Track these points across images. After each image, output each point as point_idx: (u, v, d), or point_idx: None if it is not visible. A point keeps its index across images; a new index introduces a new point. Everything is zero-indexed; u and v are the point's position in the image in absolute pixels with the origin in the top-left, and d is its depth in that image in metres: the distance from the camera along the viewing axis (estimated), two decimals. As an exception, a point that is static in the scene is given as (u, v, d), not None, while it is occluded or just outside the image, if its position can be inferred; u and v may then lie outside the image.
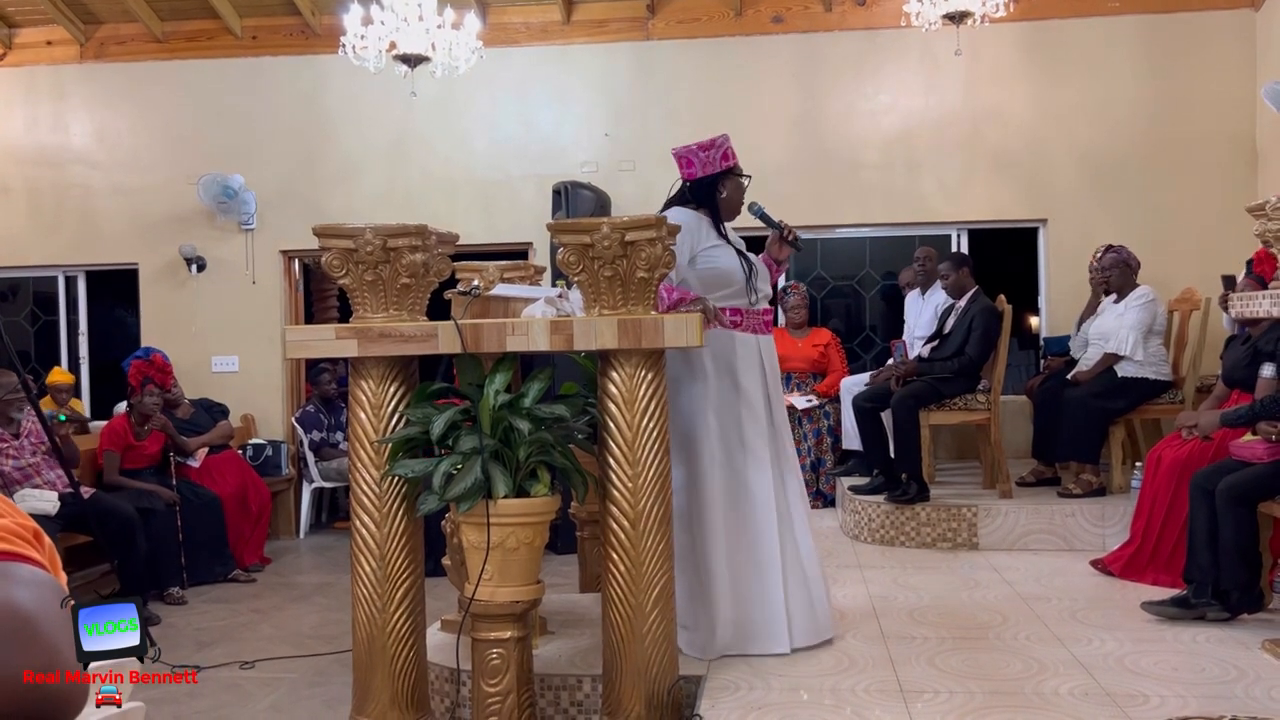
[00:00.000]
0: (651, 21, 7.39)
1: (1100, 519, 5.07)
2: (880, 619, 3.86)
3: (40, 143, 7.89)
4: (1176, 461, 4.28)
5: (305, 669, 4.42)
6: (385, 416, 2.95)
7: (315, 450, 7.44)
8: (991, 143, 7.14)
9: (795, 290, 7.01)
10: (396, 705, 2.97)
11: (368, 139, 7.61)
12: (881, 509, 5.34)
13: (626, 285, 2.88)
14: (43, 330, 8.31)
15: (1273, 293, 3.36)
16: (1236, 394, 4.37)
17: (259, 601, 5.65)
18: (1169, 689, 3.03)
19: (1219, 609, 3.67)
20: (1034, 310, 7.51)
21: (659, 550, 2.89)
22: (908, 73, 7.21)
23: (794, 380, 6.76)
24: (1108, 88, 7.00)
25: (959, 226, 7.29)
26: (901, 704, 2.94)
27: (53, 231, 7.88)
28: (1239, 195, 6.15)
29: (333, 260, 2.95)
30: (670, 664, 2.95)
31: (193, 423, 6.61)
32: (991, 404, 5.51)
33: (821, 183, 7.19)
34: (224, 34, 7.69)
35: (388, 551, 2.96)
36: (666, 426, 2.92)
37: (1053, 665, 3.26)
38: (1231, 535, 3.62)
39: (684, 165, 3.56)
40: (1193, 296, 5.74)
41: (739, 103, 7.21)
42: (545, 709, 3.23)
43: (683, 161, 3.56)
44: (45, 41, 7.83)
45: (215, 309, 7.69)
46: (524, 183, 7.43)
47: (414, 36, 6.03)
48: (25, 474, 5.36)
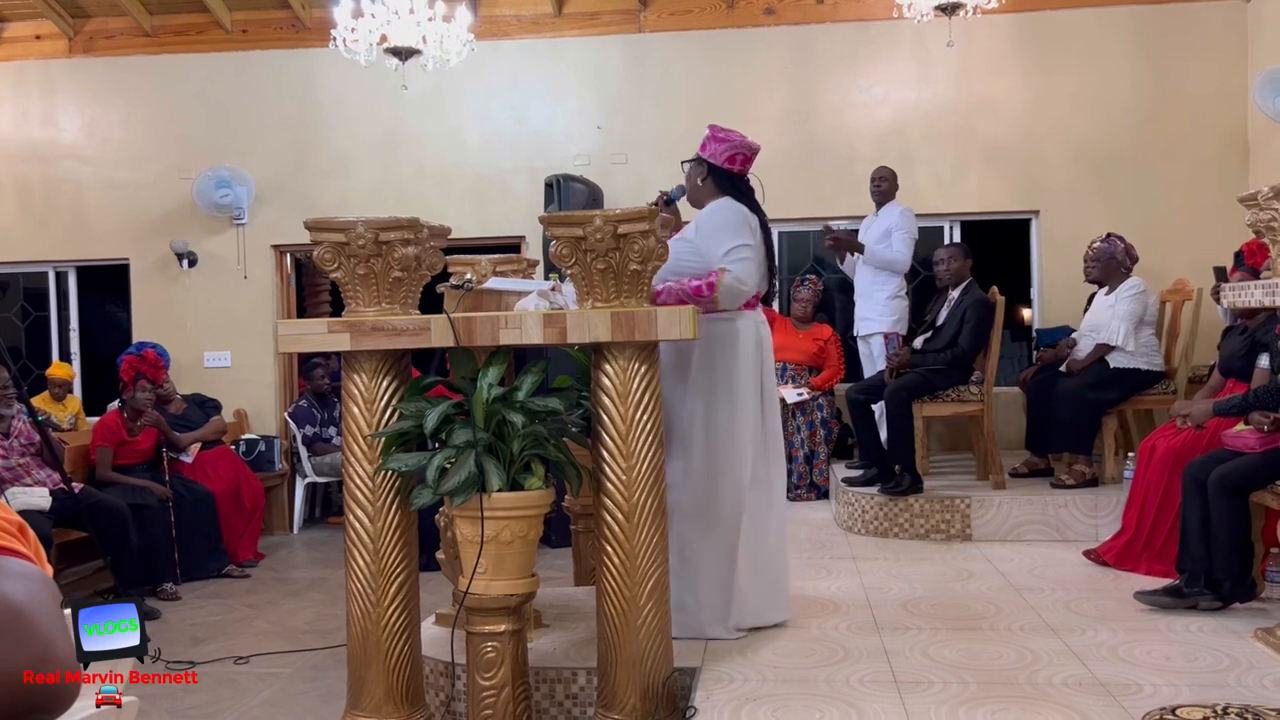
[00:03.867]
0: (643, 14, 7.37)
1: (1093, 509, 5.09)
2: (874, 610, 3.86)
3: (30, 138, 7.86)
4: (1169, 452, 4.29)
5: (300, 664, 4.42)
6: (378, 411, 2.95)
7: (308, 445, 7.43)
8: (984, 134, 7.14)
9: (811, 283, 7.01)
10: (391, 699, 2.97)
11: (359, 133, 7.59)
12: (875, 500, 5.35)
13: (619, 278, 2.87)
14: (34, 326, 8.27)
15: (1265, 283, 3.37)
16: (1231, 383, 4.39)
17: (253, 597, 5.64)
18: (1162, 678, 3.04)
19: (1211, 598, 3.68)
20: (1026, 302, 7.52)
21: (653, 543, 2.89)
22: (900, 64, 7.20)
23: (789, 371, 6.77)
24: (1100, 79, 7.00)
25: (952, 218, 7.30)
26: (896, 695, 2.94)
27: (43, 227, 7.84)
28: (1231, 186, 6.17)
29: (324, 254, 2.94)
30: (665, 656, 2.96)
31: (185, 418, 6.59)
32: (984, 395, 5.52)
33: (814, 175, 7.19)
34: (214, 28, 7.65)
35: (382, 546, 2.95)
36: (660, 419, 2.92)
37: (1046, 655, 3.27)
38: (1224, 525, 3.63)
39: (714, 144, 3.61)
40: (1185, 287, 5.75)
41: (731, 95, 7.20)
42: (540, 702, 3.23)
43: (717, 141, 3.62)
44: (34, 36, 7.78)
45: (207, 304, 7.67)
46: (516, 176, 7.42)
47: (405, 29, 6.01)
48: (15, 474, 5.34)
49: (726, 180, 3.61)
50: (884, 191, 6.25)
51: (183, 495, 6.03)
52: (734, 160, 3.61)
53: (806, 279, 7.07)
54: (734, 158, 3.61)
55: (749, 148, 3.65)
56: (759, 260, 3.51)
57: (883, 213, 6.22)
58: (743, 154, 3.63)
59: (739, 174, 3.64)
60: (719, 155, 3.60)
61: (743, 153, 3.63)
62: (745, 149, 3.64)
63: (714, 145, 3.61)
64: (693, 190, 3.68)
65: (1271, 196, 3.21)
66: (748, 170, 3.66)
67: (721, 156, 3.60)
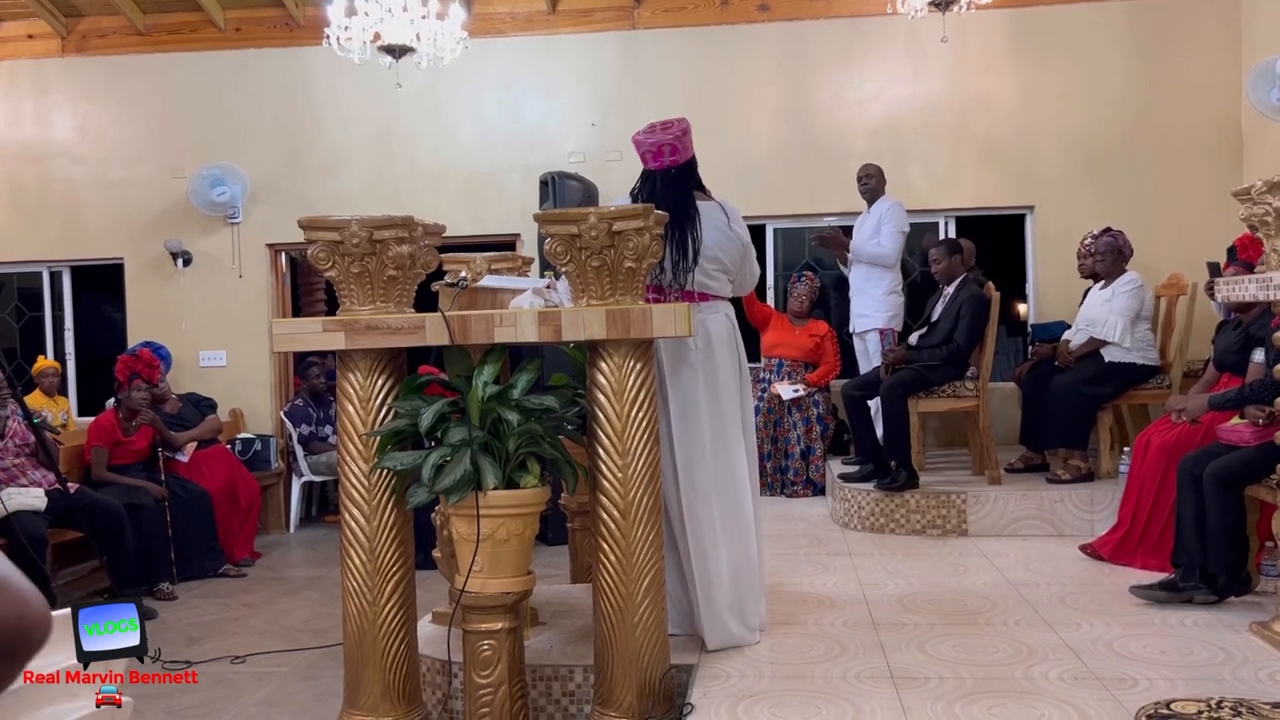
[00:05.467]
0: (637, 11, 7.37)
1: (1089, 504, 5.10)
2: (870, 606, 3.87)
3: (23, 138, 7.84)
4: (1164, 446, 4.30)
5: (297, 663, 4.42)
6: (374, 409, 2.95)
7: (304, 444, 7.42)
8: (978, 130, 7.15)
9: (808, 280, 7.02)
10: (388, 698, 2.97)
11: (353, 131, 7.58)
12: (871, 496, 5.36)
13: (614, 275, 2.87)
14: (28, 326, 8.26)
15: (1259, 277, 3.37)
16: (1226, 378, 4.39)
17: (249, 596, 5.64)
18: (1157, 672, 3.04)
19: (1207, 592, 3.69)
20: (1022, 297, 7.53)
21: (649, 540, 2.89)
22: (894, 60, 7.21)
23: (785, 367, 6.78)
24: (1094, 74, 7.01)
25: (946, 214, 7.30)
26: (892, 690, 2.95)
27: (37, 227, 7.83)
28: (1225, 180, 6.17)
29: (319, 253, 2.94)
30: (662, 653, 2.96)
31: (181, 418, 6.58)
32: (980, 391, 5.53)
33: (808, 171, 7.19)
34: (207, 26, 7.64)
35: (378, 544, 2.95)
36: (656, 416, 2.92)
37: (1042, 650, 3.27)
38: (1219, 519, 3.64)
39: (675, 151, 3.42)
40: (1179, 282, 5.76)
41: (726, 91, 7.20)
42: (537, 700, 3.23)
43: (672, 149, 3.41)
44: (26, 35, 7.77)
45: (202, 303, 7.66)
46: (511, 173, 7.42)
47: (398, 27, 6.01)
48: (10, 474, 5.32)
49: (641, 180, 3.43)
50: (872, 188, 6.27)
51: (179, 495, 6.02)
52: (659, 157, 3.37)
53: (803, 275, 7.08)
54: (658, 153, 3.37)
55: (651, 139, 3.39)
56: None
57: (874, 209, 6.23)
58: (657, 148, 3.39)
59: (655, 172, 3.40)
60: (646, 160, 3.40)
61: (652, 148, 3.39)
62: (650, 142, 3.39)
63: (685, 139, 3.40)
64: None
65: (1265, 191, 3.21)
66: (675, 159, 3.40)
67: (648, 160, 3.39)
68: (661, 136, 3.38)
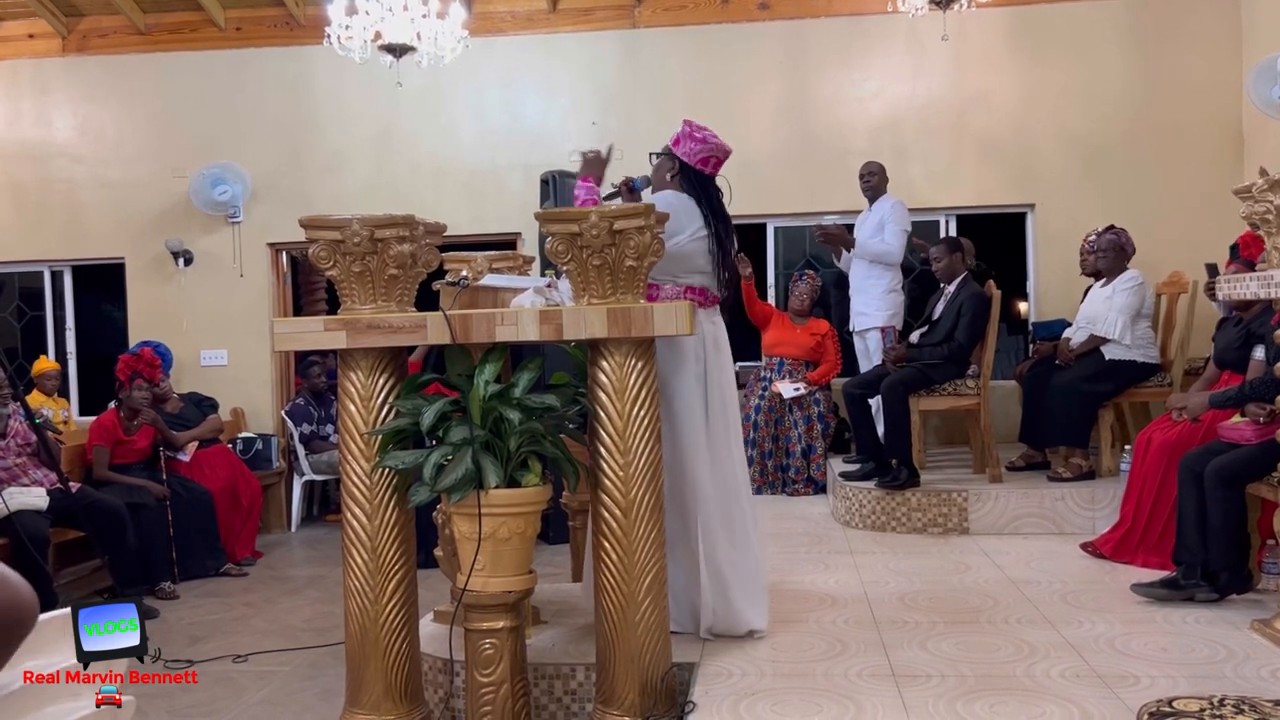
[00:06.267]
0: (638, 9, 7.37)
1: (1090, 502, 5.10)
2: (872, 604, 3.87)
3: (23, 137, 7.84)
4: (1166, 444, 4.29)
5: (298, 662, 4.42)
6: (375, 408, 2.95)
7: (305, 443, 7.43)
8: (979, 128, 7.15)
9: (809, 278, 7.02)
10: (390, 697, 2.97)
11: (354, 130, 7.58)
12: (872, 495, 5.36)
13: (615, 274, 2.87)
14: (30, 326, 8.27)
15: (1260, 274, 3.37)
16: (1227, 375, 4.39)
17: (251, 595, 5.64)
18: (1159, 670, 3.04)
19: (1208, 590, 3.69)
20: (1022, 295, 7.53)
21: (651, 538, 2.89)
22: (894, 59, 7.20)
23: (786, 366, 6.77)
24: (1094, 72, 7.01)
25: (947, 212, 7.30)
26: (894, 688, 2.95)
27: (38, 226, 7.83)
28: (1225, 178, 6.17)
29: (320, 252, 2.94)
30: (664, 651, 2.96)
31: (182, 417, 6.59)
32: (981, 389, 5.53)
33: (809, 170, 7.19)
34: (207, 26, 7.64)
35: (379, 543, 2.95)
36: (657, 415, 2.92)
37: (1043, 648, 3.27)
38: (1220, 517, 3.64)
39: (690, 142, 3.50)
40: (1180, 280, 5.76)
41: (726, 90, 7.20)
42: (539, 698, 3.24)
43: (693, 140, 3.50)
44: (27, 35, 7.77)
45: (203, 303, 7.67)
46: (511, 172, 7.42)
47: (399, 26, 6.01)
48: (12, 474, 5.33)
49: (697, 181, 3.51)
50: (874, 186, 6.26)
51: (180, 494, 6.02)
52: (706, 163, 3.51)
53: (805, 274, 7.07)
54: (707, 160, 3.51)
55: (722, 150, 3.54)
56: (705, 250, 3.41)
57: (876, 207, 6.22)
58: (716, 157, 3.53)
59: (709, 177, 3.53)
60: (693, 155, 3.50)
61: (716, 155, 3.53)
62: (719, 151, 3.53)
63: (689, 143, 3.51)
64: (659, 185, 3.58)
65: (1266, 189, 3.21)
66: (717, 174, 3.56)
67: (695, 156, 3.50)
68: (717, 146, 3.53)
